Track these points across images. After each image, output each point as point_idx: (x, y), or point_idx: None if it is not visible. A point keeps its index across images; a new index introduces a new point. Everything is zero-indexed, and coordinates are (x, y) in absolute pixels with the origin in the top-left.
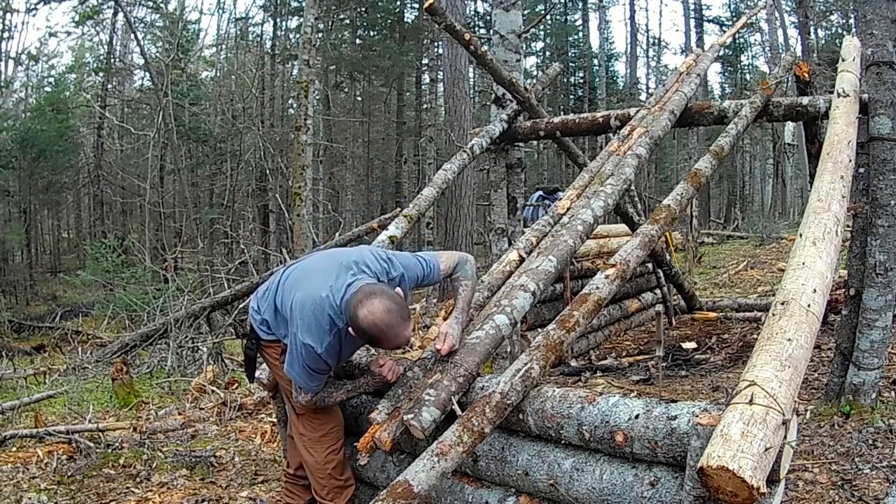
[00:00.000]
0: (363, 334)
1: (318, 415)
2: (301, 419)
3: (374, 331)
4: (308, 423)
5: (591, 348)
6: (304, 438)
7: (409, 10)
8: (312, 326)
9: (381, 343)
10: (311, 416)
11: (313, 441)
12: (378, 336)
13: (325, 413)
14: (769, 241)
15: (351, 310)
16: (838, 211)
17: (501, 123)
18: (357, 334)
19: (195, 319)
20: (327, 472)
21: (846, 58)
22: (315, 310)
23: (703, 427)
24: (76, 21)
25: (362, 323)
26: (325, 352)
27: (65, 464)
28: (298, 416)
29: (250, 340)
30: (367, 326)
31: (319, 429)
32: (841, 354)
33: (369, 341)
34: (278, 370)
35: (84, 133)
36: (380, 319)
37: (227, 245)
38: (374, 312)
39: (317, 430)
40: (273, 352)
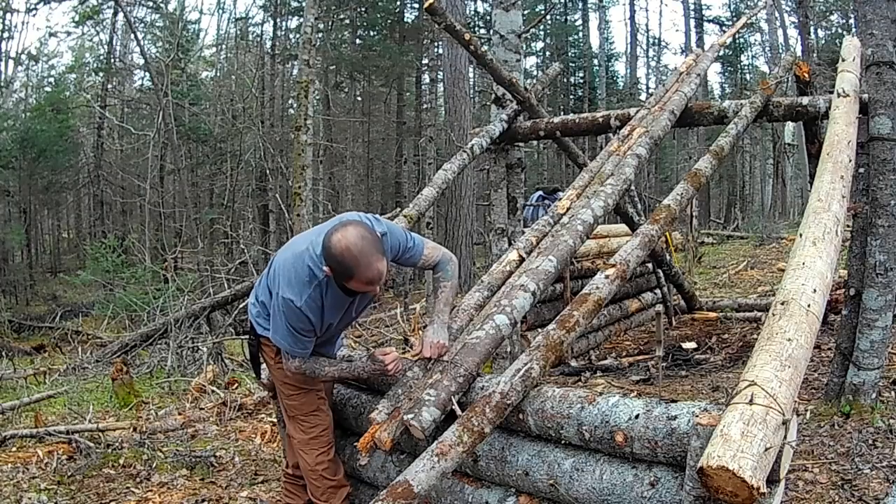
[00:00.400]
0: (336, 263)
1: (308, 417)
2: (292, 421)
3: (346, 256)
4: (298, 425)
5: (591, 348)
6: (295, 441)
7: (409, 10)
8: (292, 279)
9: (354, 273)
10: (301, 419)
11: (303, 443)
12: (351, 263)
13: (315, 416)
14: (769, 241)
15: (325, 242)
16: (838, 211)
17: (501, 123)
18: (330, 266)
19: (195, 319)
20: (319, 474)
21: (846, 58)
22: (295, 262)
23: (703, 427)
24: (76, 21)
25: (335, 248)
26: (306, 306)
27: (65, 464)
28: (289, 419)
29: (251, 336)
30: (340, 251)
31: (309, 431)
32: (841, 354)
33: (343, 273)
34: (274, 369)
35: (84, 133)
36: (353, 244)
37: (227, 245)
38: (347, 237)
39: (306, 433)
40: (270, 350)
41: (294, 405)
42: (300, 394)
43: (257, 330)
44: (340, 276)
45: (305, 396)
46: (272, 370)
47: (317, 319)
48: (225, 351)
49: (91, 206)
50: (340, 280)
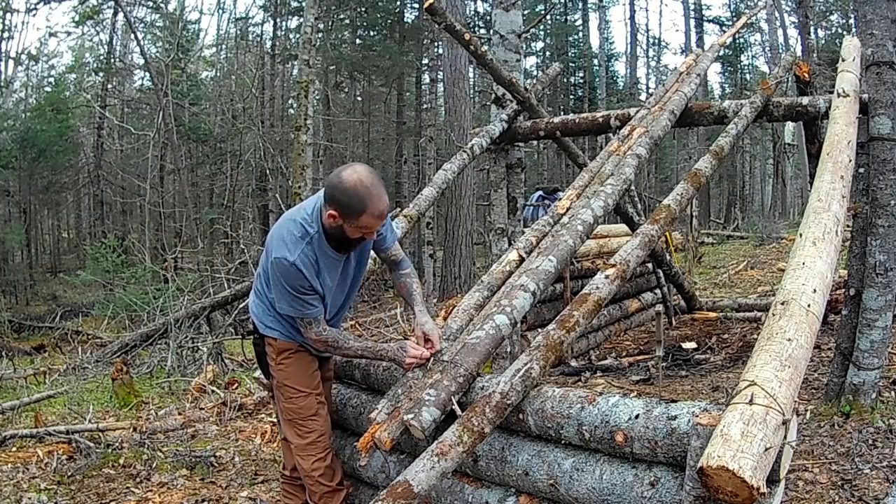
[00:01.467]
0: (348, 197)
1: (306, 421)
2: (289, 425)
3: (360, 188)
4: (295, 429)
5: (591, 348)
6: (292, 446)
7: (409, 10)
8: (284, 237)
9: (366, 206)
10: (299, 423)
11: (300, 448)
12: (363, 194)
13: (314, 420)
14: (769, 241)
15: (333, 181)
16: (838, 211)
17: (501, 123)
18: (340, 202)
19: (195, 319)
20: (315, 479)
21: (846, 58)
22: (286, 224)
23: (703, 427)
24: (76, 21)
25: (347, 181)
26: (300, 261)
27: (65, 464)
28: (287, 422)
29: (256, 336)
30: (353, 183)
31: (306, 436)
32: (841, 354)
33: (355, 207)
34: (276, 370)
35: (84, 133)
36: (364, 176)
37: (227, 245)
38: (357, 171)
39: (303, 438)
40: (272, 350)
41: (293, 408)
42: (300, 397)
43: (260, 329)
44: (352, 210)
45: (305, 400)
46: (275, 371)
47: (312, 276)
48: (225, 351)
49: (91, 206)
50: (351, 216)
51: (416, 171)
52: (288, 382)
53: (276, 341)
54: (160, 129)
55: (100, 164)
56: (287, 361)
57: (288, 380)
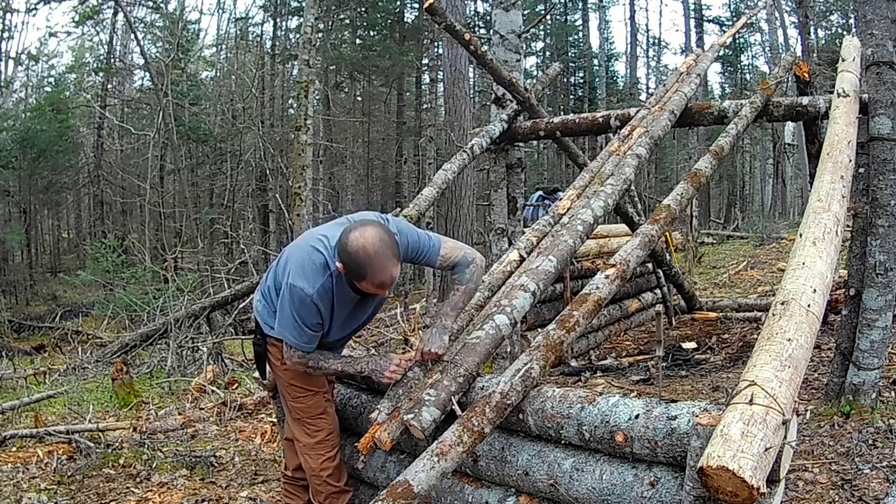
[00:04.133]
0: (350, 261)
1: (315, 420)
2: (297, 424)
3: (361, 255)
4: (304, 428)
5: (591, 348)
6: (300, 444)
7: (409, 10)
8: (305, 267)
9: (366, 274)
10: (308, 422)
11: (308, 447)
12: (364, 262)
13: (322, 419)
14: (769, 241)
15: (342, 238)
16: (838, 211)
17: (501, 123)
18: (343, 263)
19: (195, 319)
20: (323, 479)
21: (846, 58)
22: (309, 252)
23: (703, 427)
24: (76, 21)
25: (351, 246)
26: (318, 295)
27: (65, 464)
28: (295, 422)
29: (257, 336)
30: (356, 250)
31: (315, 435)
32: (841, 354)
33: (355, 272)
34: (280, 370)
35: (84, 133)
36: (370, 244)
37: (227, 245)
38: (364, 236)
39: (312, 437)
40: (276, 350)
41: (300, 408)
42: (307, 396)
43: (263, 329)
44: (352, 274)
45: (313, 399)
46: (278, 371)
47: (326, 312)
48: (225, 351)
49: (91, 206)
50: (352, 279)
51: (416, 171)
52: (295, 382)
53: (281, 342)
54: (160, 129)
55: (100, 164)
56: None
57: (294, 379)
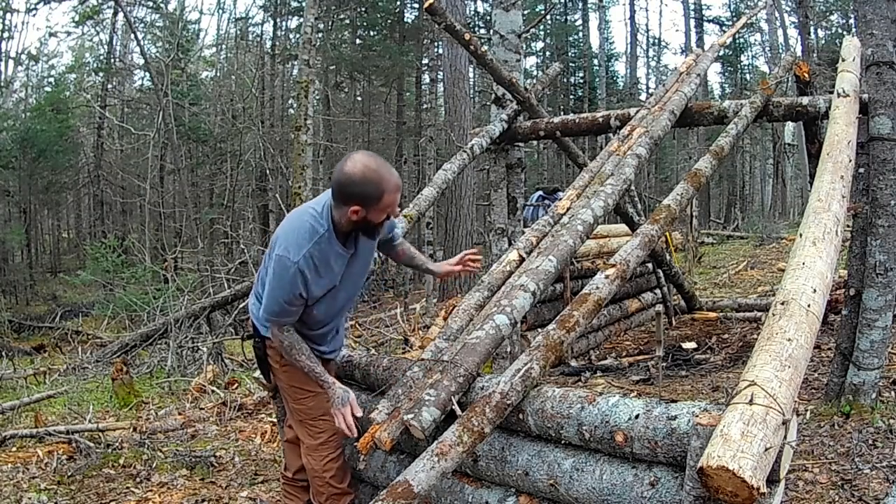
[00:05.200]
0: (362, 185)
1: (317, 421)
2: (300, 426)
3: (368, 172)
4: (307, 430)
5: (591, 348)
6: (304, 446)
7: (409, 10)
8: (290, 237)
9: (383, 185)
10: (310, 423)
11: (311, 448)
12: (375, 176)
13: (325, 420)
14: (769, 241)
15: (340, 178)
16: (838, 211)
17: (501, 123)
18: (357, 193)
19: (195, 319)
20: (325, 480)
21: (846, 58)
22: (294, 223)
23: (703, 427)
24: (76, 21)
25: (354, 174)
26: (304, 261)
27: (65, 464)
28: (298, 423)
29: (256, 339)
30: (362, 170)
31: (318, 436)
32: (841, 354)
33: (374, 192)
34: (281, 372)
35: (84, 133)
36: (365, 160)
37: (227, 245)
38: (357, 160)
39: (315, 438)
40: (275, 353)
41: (303, 409)
42: (310, 397)
43: (261, 331)
44: (371, 197)
45: (314, 400)
46: (279, 374)
47: (313, 279)
48: (225, 351)
49: (91, 206)
50: (373, 202)
51: (416, 171)
52: (295, 383)
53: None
54: (160, 129)
55: (100, 164)
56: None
57: (295, 381)
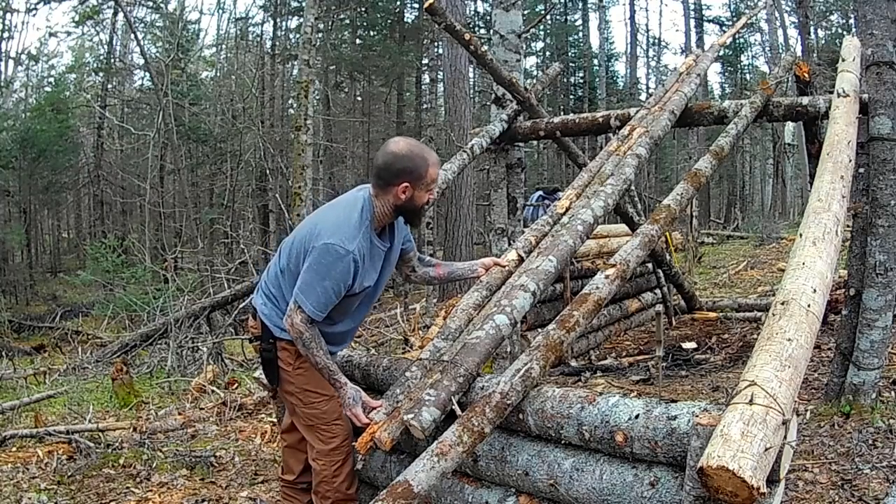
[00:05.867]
0: (410, 160)
1: (330, 426)
2: (311, 431)
3: (413, 148)
4: (318, 435)
5: (591, 348)
6: (314, 450)
7: (409, 10)
8: (340, 226)
9: (427, 159)
10: (322, 428)
11: (323, 454)
12: (419, 151)
13: (337, 424)
14: (769, 241)
15: (387, 160)
16: (838, 211)
17: (501, 123)
18: (406, 167)
19: (195, 319)
20: (334, 486)
21: (846, 58)
22: (339, 211)
23: (703, 427)
24: (76, 21)
25: (401, 150)
26: (357, 252)
27: (65, 464)
28: (308, 428)
29: (266, 342)
30: (406, 148)
31: (330, 441)
32: (841, 354)
33: (420, 165)
34: (294, 375)
35: (84, 133)
36: (408, 140)
37: (227, 245)
38: (397, 141)
39: (327, 443)
40: (288, 354)
41: (315, 413)
42: (323, 401)
43: (273, 333)
44: (418, 169)
45: (328, 404)
46: (292, 376)
47: (362, 270)
48: (225, 351)
49: (91, 206)
50: (420, 175)
51: None
52: (309, 387)
53: (293, 345)
54: (160, 129)
55: (100, 164)
56: (306, 365)
57: (308, 384)
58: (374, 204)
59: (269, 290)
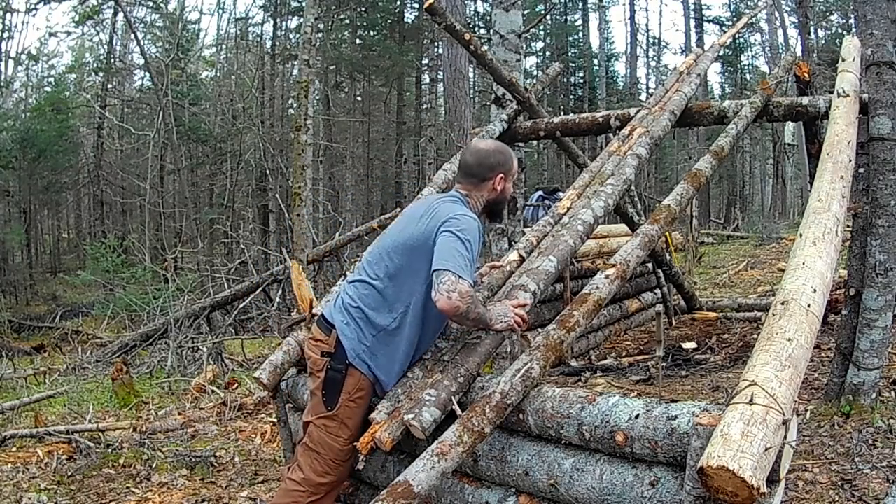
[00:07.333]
0: (499, 154)
1: (336, 465)
2: (311, 456)
3: (497, 145)
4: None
5: (591, 348)
6: (301, 475)
7: (409, 10)
8: (455, 206)
9: (510, 153)
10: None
11: (309, 483)
12: (502, 147)
13: (341, 467)
14: (769, 241)
15: (479, 157)
16: (838, 211)
17: (501, 123)
18: (499, 163)
19: (195, 319)
20: None
21: (846, 58)
22: (445, 199)
23: (703, 427)
24: (76, 21)
25: (488, 147)
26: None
27: (65, 464)
28: (311, 453)
29: (340, 362)
30: (492, 145)
31: (323, 476)
32: (841, 354)
33: (507, 160)
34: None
35: (84, 133)
36: (494, 141)
37: (227, 245)
38: (483, 139)
39: (319, 476)
40: (351, 381)
41: (331, 446)
42: (346, 440)
43: (349, 358)
44: (508, 160)
45: (348, 444)
46: (342, 404)
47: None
48: (225, 351)
49: (91, 206)
50: (510, 166)
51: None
52: (348, 422)
53: (362, 376)
54: (160, 129)
55: (100, 164)
56: (359, 402)
57: (349, 419)
58: (467, 201)
59: (357, 308)
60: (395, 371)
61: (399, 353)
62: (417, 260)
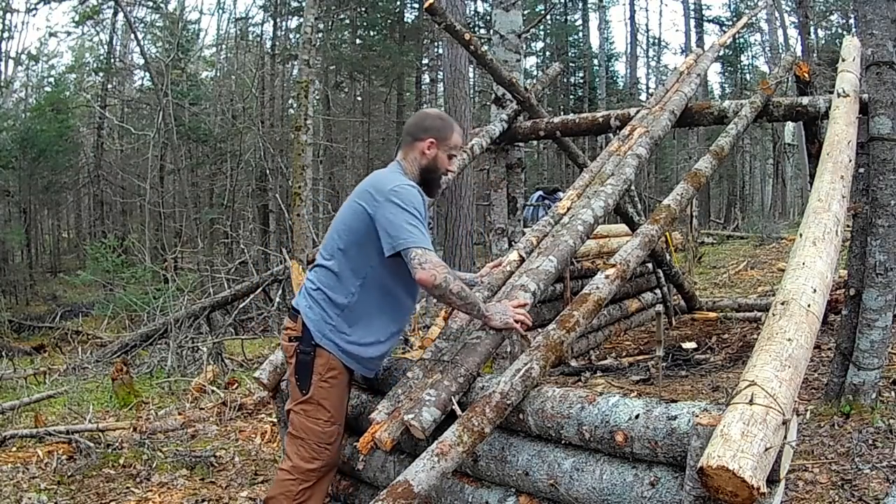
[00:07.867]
0: (439, 121)
1: (321, 448)
2: (296, 443)
3: (441, 114)
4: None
5: (591, 348)
6: (289, 463)
7: (409, 10)
8: (389, 175)
9: (451, 125)
10: (312, 447)
11: (298, 470)
12: (445, 117)
13: (327, 451)
14: (769, 241)
15: (417, 119)
16: (838, 211)
17: (501, 123)
18: (436, 126)
19: (195, 319)
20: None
21: (846, 58)
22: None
23: (703, 427)
24: (76, 21)
25: (430, 113)
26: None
27: (65, 464)
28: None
29: (307, 344)
30: (435, 112)
31: (311, 462)
32: (841, 354)
33: (448, 126)
34: (315, 384)
35: (84, 133)
36: (444, 112)
37: (227, 245)
38: (425, 110)
39: (308, 463)
40: (321, 362)
41: (315, 430)
42: (328, 422)
43: (315, 338)
44: (444, 128)
45: (331, 426)
46: (314, 385)
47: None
48: (225, 351)
49: (91, 206)
50: (445, 136)
51: None
52: (324, 403)
53: (330, 356)
54: (160, 129)
55: (100, 164)
56: (332, 381)
57: (325, 400)
58: (403, 165)
59: (318, 290)
60: (372, 342)
61: (374, 325)
62: (363, 234)
